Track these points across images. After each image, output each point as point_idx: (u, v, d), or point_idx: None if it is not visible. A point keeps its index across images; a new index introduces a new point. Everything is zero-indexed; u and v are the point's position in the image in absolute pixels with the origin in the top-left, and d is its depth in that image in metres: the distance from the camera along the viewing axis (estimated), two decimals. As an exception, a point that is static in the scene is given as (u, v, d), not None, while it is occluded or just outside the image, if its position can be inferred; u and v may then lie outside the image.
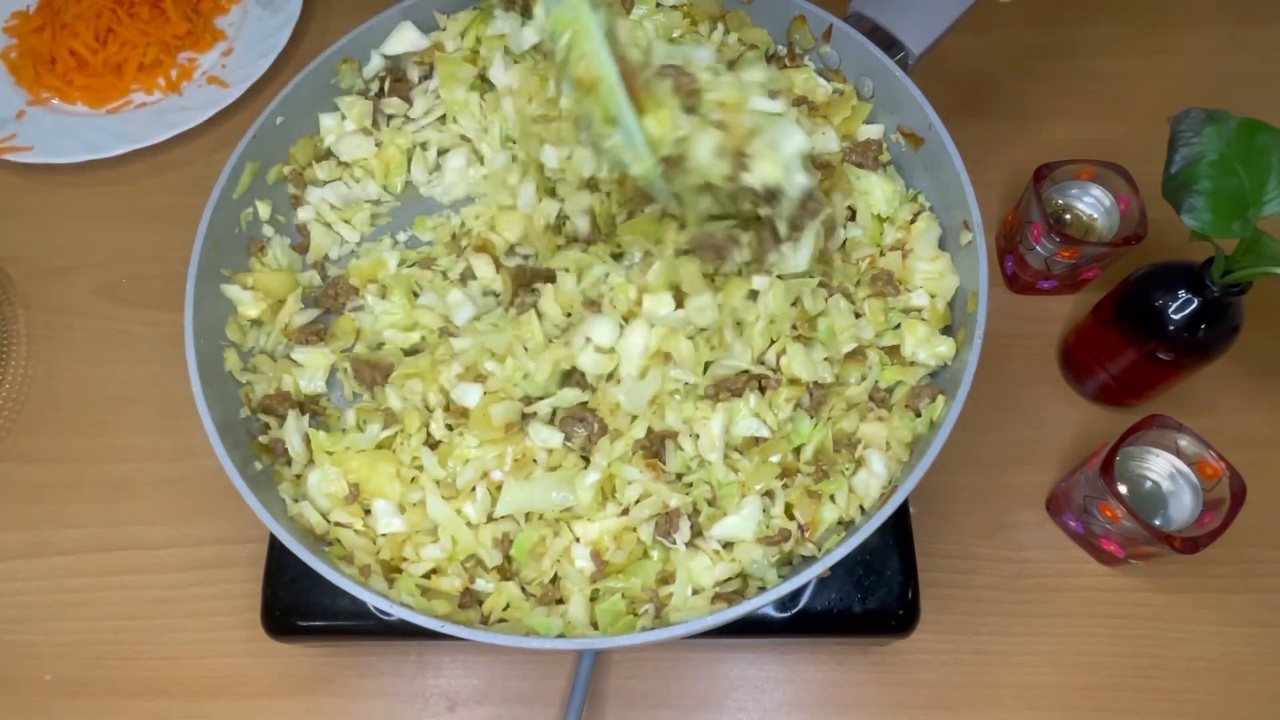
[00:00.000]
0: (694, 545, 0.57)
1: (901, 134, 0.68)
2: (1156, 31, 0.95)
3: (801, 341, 0.61)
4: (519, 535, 0.57)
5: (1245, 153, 0.59)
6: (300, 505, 0.59)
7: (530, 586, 0.58)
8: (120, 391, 0.80)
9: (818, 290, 0.62)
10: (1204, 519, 0.63)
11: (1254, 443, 0.74)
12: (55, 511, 0.76)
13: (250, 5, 0.98)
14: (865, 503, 0.59)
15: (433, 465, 0.59)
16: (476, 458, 0.59)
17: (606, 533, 0.57)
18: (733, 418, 0.59)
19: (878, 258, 0.66)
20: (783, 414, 0.60)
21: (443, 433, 0.61)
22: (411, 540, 0.58)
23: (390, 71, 0.74)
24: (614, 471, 0.58)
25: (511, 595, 0.57)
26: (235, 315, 0.65)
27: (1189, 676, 0.68)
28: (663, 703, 0.69)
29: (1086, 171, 0.75)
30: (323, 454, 0.60)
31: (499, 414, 0.58)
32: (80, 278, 0.86)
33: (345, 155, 0.72)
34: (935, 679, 0.69)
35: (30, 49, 0.94)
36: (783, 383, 0.60)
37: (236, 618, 0.70)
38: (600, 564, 0.56)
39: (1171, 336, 0.66)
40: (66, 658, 0.71)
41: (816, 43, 0.71)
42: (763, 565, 0.57)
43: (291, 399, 0.64)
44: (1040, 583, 0.71)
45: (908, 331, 0.63)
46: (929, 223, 0.66)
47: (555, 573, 0.57)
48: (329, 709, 0.69)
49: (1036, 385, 0.78)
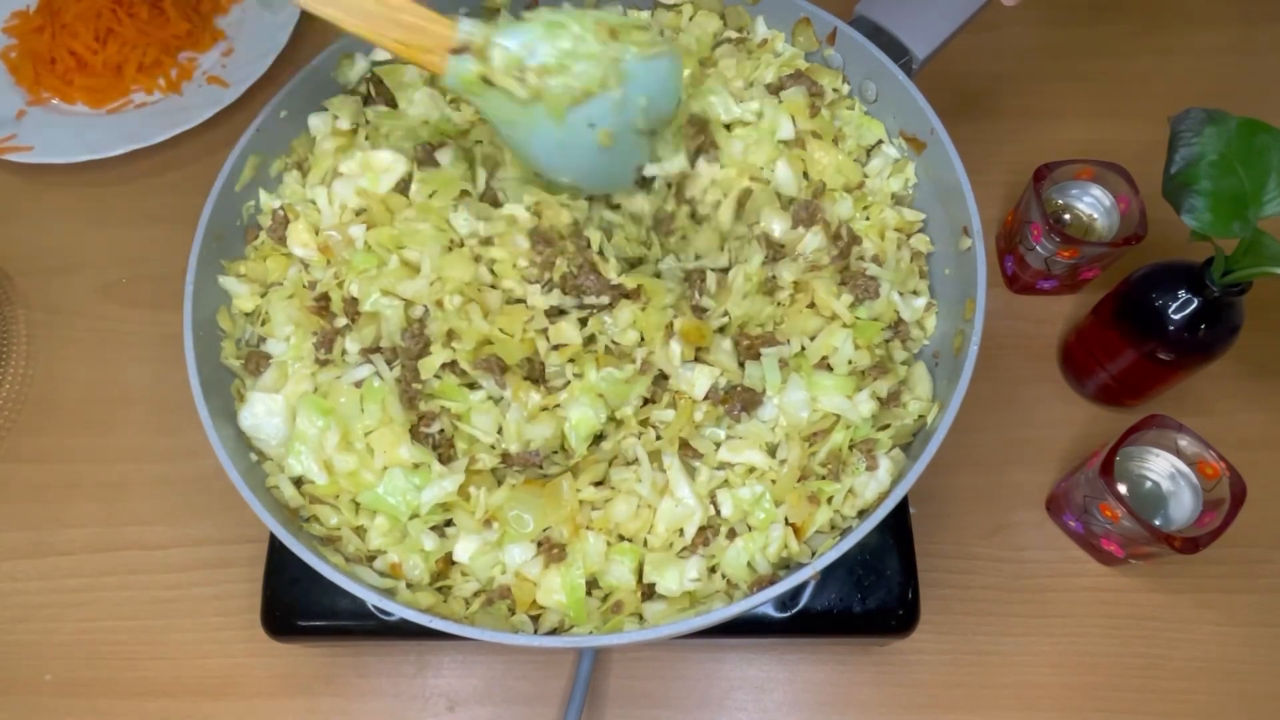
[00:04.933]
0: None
1: (904, 138, 0.68)
2: (1156, 31, 0.95)
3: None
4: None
5: (1245, 153, 0.59)
6: (278, 477, 0.59)
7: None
8: (120, 391, 0.80)
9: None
10: (1204, 519, 0.63)
11: (1254, 443, 0.74)
12: (55, 511, 0.76)
13: (250, 5, 0.98)
14: (863, 503, 0.59)
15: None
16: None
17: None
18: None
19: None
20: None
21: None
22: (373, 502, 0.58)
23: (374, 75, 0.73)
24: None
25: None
26: (229, 306, 0.65)
27: (1189, 676, 0.68)
28: (663, 703, 0.69)
29: (1086, 171, 0.75)
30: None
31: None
32: (80, 278, 0.86)
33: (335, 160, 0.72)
34: (935, 679, 0.69)
35: (30, 49, 0.94)
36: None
37: (236, 618, 0.70)
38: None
39: (1171, 336, 0.66)
40: (66, 658, 0.71)
41: (821, 45, 0.71)
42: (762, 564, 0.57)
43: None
44: (1040, 583, 0.71)
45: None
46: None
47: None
48: (329, 709, 0.69)
49: (1036, 385, 0.78)
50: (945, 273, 0.65)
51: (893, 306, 0.64)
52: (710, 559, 0.57)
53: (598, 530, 0.57)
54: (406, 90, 0.71)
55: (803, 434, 0.59)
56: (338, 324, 0.62)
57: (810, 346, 0.62)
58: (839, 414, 0.59)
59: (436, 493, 0.56)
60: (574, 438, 0.58)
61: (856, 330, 0.62)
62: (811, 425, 0.59)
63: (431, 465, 0.57)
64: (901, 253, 0.66)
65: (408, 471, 0.57)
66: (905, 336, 0.65)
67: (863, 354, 0.62)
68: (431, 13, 0.51)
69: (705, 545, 0.57)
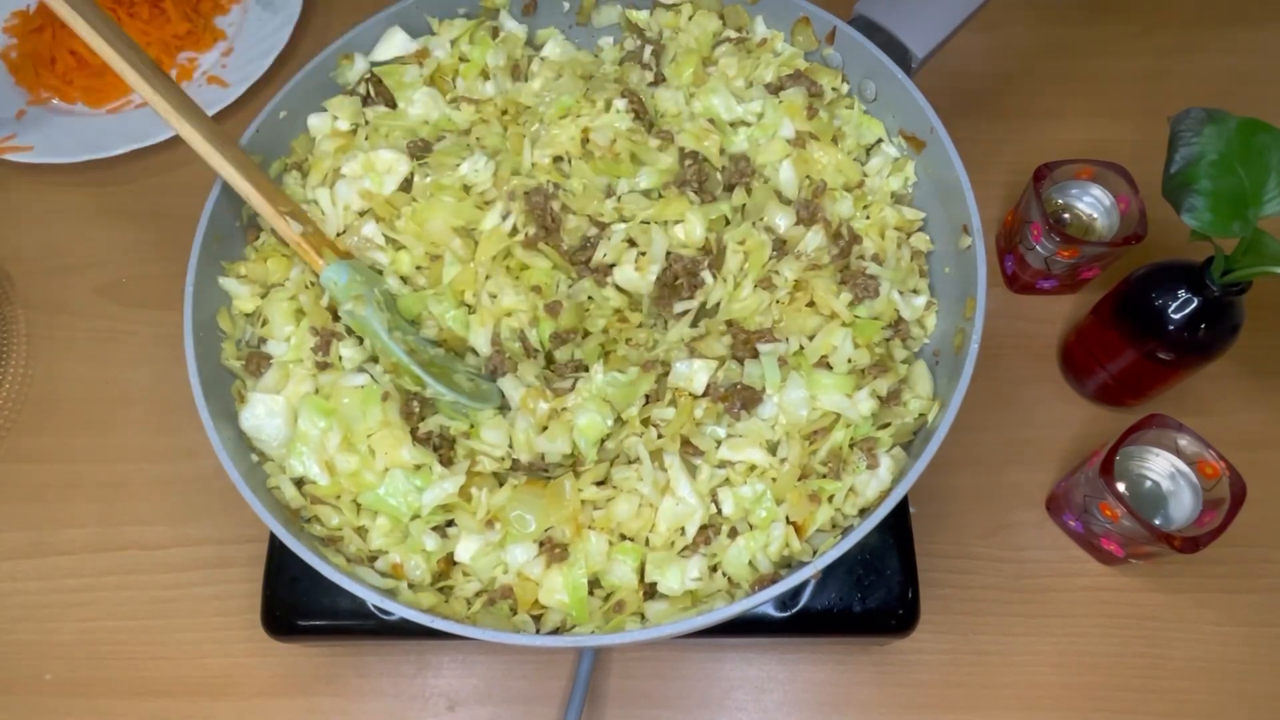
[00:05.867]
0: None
1: (903, 137, 0.68)
2: (1156, 31, 0.95)
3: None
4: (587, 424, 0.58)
5: (1245, 153, 0.59)
6: (279, 478, 0.59)
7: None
8: (120, 391, 0.80)
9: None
10: (1204, 519, 0.63)
11: (1254, 443, 0.74)
12: (55, 511, 0.76)
13: (250, 5, 0.98)
14: (864, 501, 0.59)
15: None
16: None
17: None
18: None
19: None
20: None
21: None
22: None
23: (373, 76, 0.73)
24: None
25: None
26: (229, 307, 0.65)
27: (1189, 676, 0.68)
28: (663, 703, 0.69)
29: (1086, 171, 0.75)
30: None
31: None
32: (80, 278, 0.86)
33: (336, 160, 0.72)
34: (935, 679, 0.69)
35: (30, 49, 0.94)
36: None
37: (236, 618, 0.70)
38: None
39: (1171, 336, 0.66)
40: (66, 658, 0.71)
41: (820, 45, 0.71)
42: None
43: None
44: (1040, 583, 0.71)
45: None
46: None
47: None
48: (329, 709, 0.69)
49: (1036, 385, 0.78)
50: (945, 271, 0.65)
51: (893, 305, 0.64)
52: (712, 558, 0.57)
53: (599, 530, 0.57)
54: (406, 90, 0.71)
55: (803, 432, 0.59)
56: (337, 327, 0.63)
57: (810, 345, 0.62)
58: (839, 412, 0.59)
59: (438, 494, 0.56)
60: (583, 443, 0.58)
61: (856, 329, 0.62)
62: (811, 424, 0.59)
63: (433, 467, 0.57)
64: (901, 251, 0.66)
65: (409, 473, 0.57)
66: (905, 335, 0.65)
67: (862, 353, 0.62)
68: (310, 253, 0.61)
69: (707, 544, 0.57)
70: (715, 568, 0.57)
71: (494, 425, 0.59)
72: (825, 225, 0.65)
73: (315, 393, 0.60)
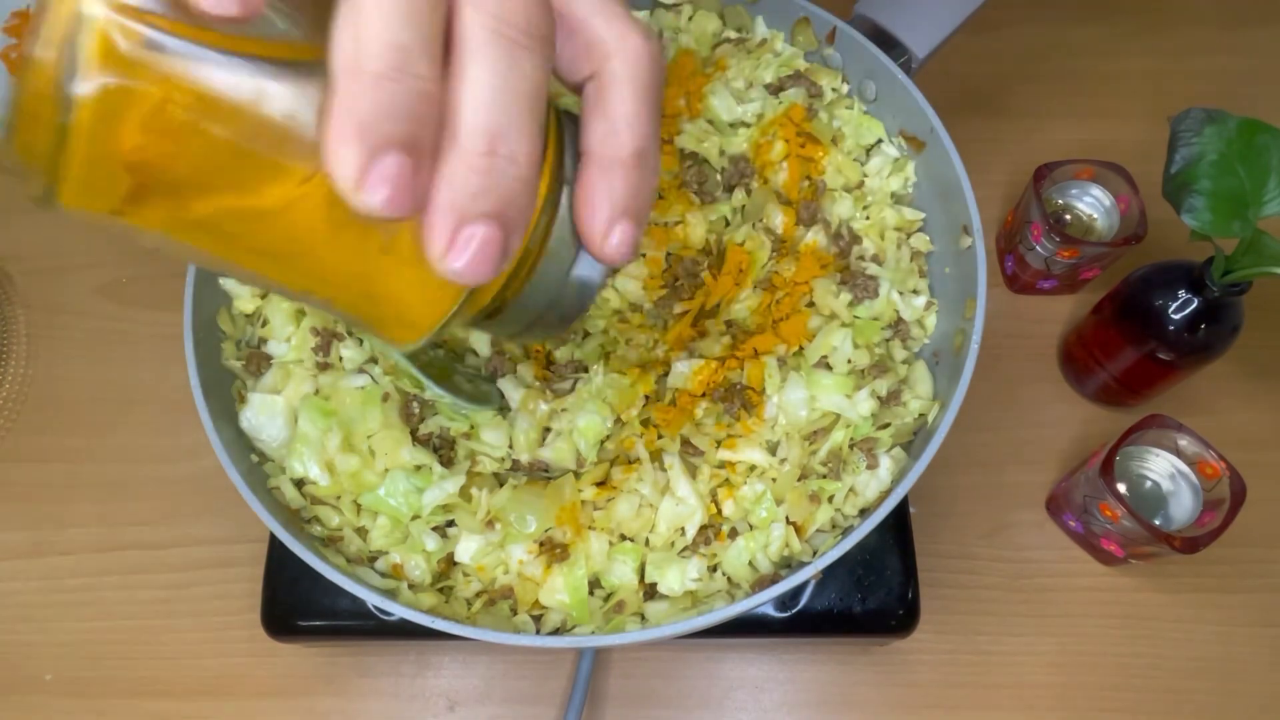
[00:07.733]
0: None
1: (903, 137, 0.68)
2: (1156, 31, 0.95)
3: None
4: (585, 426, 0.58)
5: (1245, 153, 0.59)
6: (279, 479, 0.59)
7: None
8: (120, 391, 0.80)
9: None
10: (1204, 519, 0.63)
11: (1254, 443, 0.74)
12: (55, 511, 0.76)
13: (250, 5, 0.98)
14: (864, 502, 0.59)
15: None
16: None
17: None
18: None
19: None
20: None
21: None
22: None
23: None
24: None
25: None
26: (229, 307, 0.65)
27: (1189, 676, 0.68)
28: (663, 703, 0.69)
29: (1086, 171, 0.75)
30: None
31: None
32: (80, 278, 0.86)
33: None
34: (935, 679, 0.69)
35: (30, 49, 0.94)
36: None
37: (236, 618, 0.70)
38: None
39: (1171, 336, 0.66)
40: (66, 658, 0.71)
41: (820, 45, 0.71)
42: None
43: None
44: (1040, 583, 0.71)
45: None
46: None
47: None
48: (329, 709, 0.69)
49: (1036, 385, 0.78)
50: (945, 271, 0.65)
51: (892, 305, 0.64)
52: (711, 558, 0.57)
53: (600, 530, 0.57)
54: None
55: (803, 433, 0.59)
56: (337, 328, 0.62)
57: (809, 346, 0.62)
58: (839, 413, 0.59)
59: (438, 494, 0.56)
60: (583, 445, 0.58)
61: (856, 329, 0.62)
62: (811, 424, 0.59)
63: (433, 467, 0.57)
64: (901, 252, 0.66)
65: (409, 473, 0.57)
66: (905, 335, 0.65)
67: (862, 353, 0.62)
68: None
69: (706, 544, 0.57)
70: (715, 568, 0.57)
71: (494, 426, 0.59)
72: (825, 226, 0.65)
73: (316, 393, 0.60)
